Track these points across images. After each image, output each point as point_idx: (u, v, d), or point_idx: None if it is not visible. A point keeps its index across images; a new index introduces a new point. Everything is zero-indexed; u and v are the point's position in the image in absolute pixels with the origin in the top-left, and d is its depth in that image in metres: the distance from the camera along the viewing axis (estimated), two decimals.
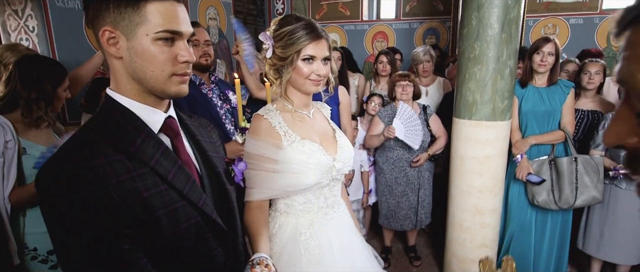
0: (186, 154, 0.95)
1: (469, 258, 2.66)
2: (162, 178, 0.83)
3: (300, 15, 1.31)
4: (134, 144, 0.82)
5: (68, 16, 2.70)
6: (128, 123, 0.84)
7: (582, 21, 4.61)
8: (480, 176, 2.50)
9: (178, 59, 0.84)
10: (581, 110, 2.80)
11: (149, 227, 0.80)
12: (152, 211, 0.80)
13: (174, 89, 0.86)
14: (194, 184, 0.89)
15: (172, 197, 0.84)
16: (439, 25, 5.27)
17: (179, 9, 0.84)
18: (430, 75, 3.53)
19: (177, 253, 0.86)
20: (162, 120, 0.90)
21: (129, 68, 0.83)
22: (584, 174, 2.49)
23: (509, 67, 2.34)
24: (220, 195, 1.01)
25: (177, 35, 0.84)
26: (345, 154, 1.41)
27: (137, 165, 0.81)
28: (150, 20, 0.80)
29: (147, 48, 0.81)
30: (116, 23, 0.80)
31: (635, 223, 2.55)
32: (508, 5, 2.22)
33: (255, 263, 1.09)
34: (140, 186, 0.80)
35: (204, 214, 0.90)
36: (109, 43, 0.82)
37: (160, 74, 0.83)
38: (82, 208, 0.73)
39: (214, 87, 2.20)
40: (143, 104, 0.87)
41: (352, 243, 1.45)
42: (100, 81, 2.38)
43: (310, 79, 1.30)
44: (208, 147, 1.02)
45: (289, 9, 5.56)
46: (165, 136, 0.91)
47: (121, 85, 0.86)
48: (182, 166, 0.88)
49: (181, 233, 0.85)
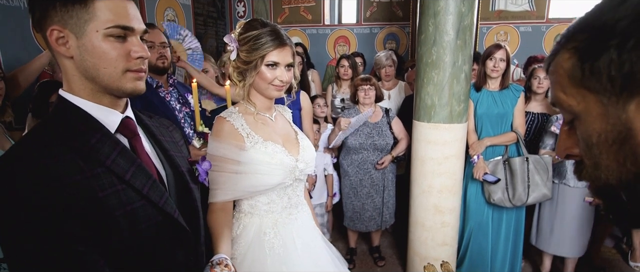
0: (145, 154, 0.93)
1: (431, 256, 2.73)
2: (119, 178, 0.81)
3: (265, 21, 1.33)
4: (87, 143, 0.80)
5: (13, 15, 2.53)
6: (81, 123, 0.82)
7: (530, 29, 4.89)
8: (439, 176, 2.58)
9: (131, 55, 0.82)
10: (531, 113, 2.97)
11: (106, 228, 0.78)
12: (109, 212, 0.78)
13: (129, 86, 0.84)
14: (155, 183, 0.87)
15: (130, 197, 0.82)
16: (398, 31, 5.41)
17: (129, 5, 0.83)
18: (392, 79, 3.61)
19: (137, 254, 0.84)
20: (118, 121, 0.88)
21: (80, 67, 0.81)
22: (535, 173, 2.64)
23: (464, 72, 2.44)
24: (184, 194, 0.99)
25: (129, 31, 0.82)
26: (307, 154, 1.44)
27: (92, 165, 0.78)
28: (99, 17, 0.78)
29: (98, 45, 0.79)
30: (64, 22, 0.78)
31: (580, 219, 2.73)
32: (462, 13, 2.32)
33: (214, 263, 1.09)
34: (95, 186, 0.77)
35: (165, 213, 0.88)
36: (58, 43, 0.79)
37: (114, 70, 0.81)
38: (31, 210, 0.70)
39: (172, 90, 2.14)
40: (98, 104, 0.85)
41: (315, 242, 1.48)
42: (47, 84, 2.25)
43: (273, 85, 1.32)
44: (170, 147, 1.01)
45: (250, 12, 5.51)
46: (122, 137, 0.89)
47: (74, 85, 0.84)
48: (142, 165, 0.86)
49: (141, 233, 0.83)
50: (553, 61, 0.51)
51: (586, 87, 0.47)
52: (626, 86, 0.43)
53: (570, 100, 0.50)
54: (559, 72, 0.50)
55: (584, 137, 0.50)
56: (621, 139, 0.46)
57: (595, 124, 0.48)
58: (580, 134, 0.51)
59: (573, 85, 0.49)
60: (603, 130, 0.47)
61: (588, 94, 0.47)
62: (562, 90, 0.51)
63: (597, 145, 0.48)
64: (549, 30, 4.84)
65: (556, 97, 0.52)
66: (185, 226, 0.93)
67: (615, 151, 0.47)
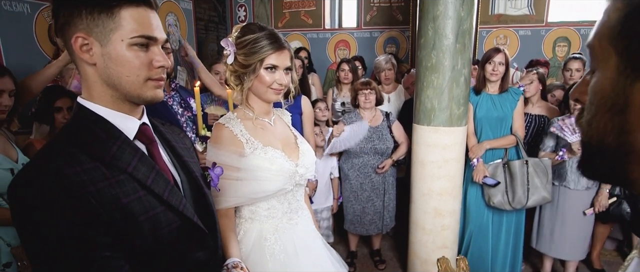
0: (162, 160, 0.95)
1: (431, 259, 2.74)
2: (141, 184, 0.83)
3: (262, 25, 1.33)
4: (109, 151, 0.81)
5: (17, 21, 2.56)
6: (102, 131, 0.84)
7: (530, 33, 4.92)
8: (439, 179, 2.60)
9: (153, 64, 0.85)
10: (530, 114, 2.98)
11: (130, 234, 0.80)
12: (133, 217, 0.80)
13: (150, 94, 0.86)
14: (173, 189, 0.89)
15: (152, 203, 0.84)
16: (398, 35, 5.44)
17: (152, 15, 0.85)
18: (392, 83, 3.63)
19: (159, 257, 0.86)
20: (136, 128, 0.89)
21: (103, 74, 0.83)
22: (535, 175, 2.65)
23: (463, 76, 2.45)
24: (199, 199, 1.02)
25: (152, 40, 0.84)
26: (307, 159, 1.43)
27: (115, 172, 0.80)
28: (125, 26, 0.80)
29: (122, 53, 0.81)
30: (89, 29, 0.79)
31: (581, 221, 2.74)
32: (461, 17, 2.34)
33: (230, 267, 1.12)
34: (119, 193, 0.79)
35: (185, 217, 0.90)
36: (82, 50, 0.81)
37: (136, 78, 0.84)
38: (59, 217, 0.72)
39: (174, 94, 2.16)
40: (117, 111, 0.86)
41: (316, 247, 1.48)
42: (52, 89, 2.27)
43: (272, 88, 1.32)
44: (184, 153, 1.03)
45: (252, 17, 5.55)
46: (140, 143, 0.91)
47: (94, 92, 0.85)
48: (160, 171, 0.88)
49: (163, 238, 0.85)
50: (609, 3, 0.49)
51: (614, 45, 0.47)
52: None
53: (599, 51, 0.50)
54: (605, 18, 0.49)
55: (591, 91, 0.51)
56: (617, 110, 0.47)
57: (604, 85, 0.49)
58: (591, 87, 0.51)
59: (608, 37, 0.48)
60: (607, 94, 0.48)
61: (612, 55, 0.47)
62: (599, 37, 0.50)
63: (597, 105, 0.49)
64: (548, 34, 4.86)
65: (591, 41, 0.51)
66: (204, 228, 0.95)
67: (608, 118, 0.48)
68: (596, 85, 0.50)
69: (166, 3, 3.95)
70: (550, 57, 4.85)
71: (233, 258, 1.20)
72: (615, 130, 0.47)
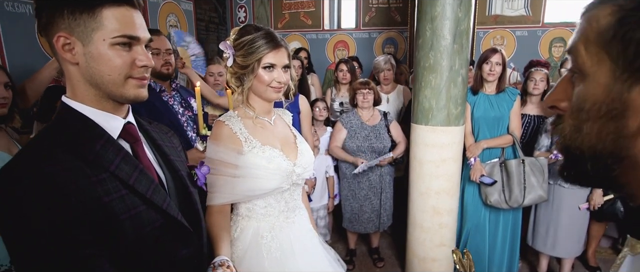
0: (147, 159, 0.95)
1: (429, 257, 2.77)
2: (123, 183, 0.83)
3: (258, 25, 1.35)
4: (92, 150, 0.82)
5: (19, 21, 2.59)
6: (85, 129, 0.84)
7: (526, 33, 4.96)
8: (437, 178, 2.63)
9: (136, 63, 0.85)
10: (528, 115, 3.02)
11: (112, 232, 0.80)
12: (115, 216, 0.80)
13: (132, 93, 0.86)
14: (157, 187, 0.89)
15: (134, 202, 0.84)
16: (397, 35, 5.47)
17: (135, 15, 0.85)
18: (391, 83, 3.66)
19: (143, 255, 0.86)
20: (120, 127, 0.90)
21: (85, 73, 0.83)
22: (531, 174, 2.68)
23: (461, 76, 2.49)
24: (185, 197, 1.02)
25: (135, 40, 0.84)
26: (305, 159, 1.45)
27: (97, 171, 0.80)
28: (107, 26, 0.80)
29: (104, 52, 0.81)
30: (71, 29, 0.80)
31: (576, 219, 2.77)
32: (459, 18, 2.38)
33: (217, 265, 1.11)
34: (101, 192, 0.79)
35: (169, 216, 0.90)
36: (64, 49, 0.81)
37: (118, 77, 0.83)
38: (40, 215, 0.72)
39: (175, 94, 2.18)
40: (101, 110, 0.87)
41: (313, 246, 1.49)
42: (53, 89, 2.29)
43: (271, 86, 1.34)
44: (170, 152, 1.03)
45: (251, 18, 5.58)
46: (124, 142, 0.91)
47: (78, 91, 0.85)
48: (144, 170, 0.88)
49: (146, 236, 0.85)
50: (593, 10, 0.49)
51: (608, 51, 0.46)
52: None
53: (586, 57, 0.49)
54: (592, 24, 0.48)
55: (579, 98, 0.50)
56: (612, 116, 0.46)
57: (596, 91, 0.47)
58: (577, 93, 0.50)
59: (597, 43, 0.47)
60: (600, 100, 0.47)
61: (606, 60, 0.46)
62: (585, 43, 0.49)
63: (588, 111, 0.48)
64: (545, 34, 4.91)
65: (575, 47, 0.50)
66: (188, 226, 0.96)
67: (602, 124, 0.47)
68: (585, 94, 0.49)
69: (167, 4, 3.97)
70: (546, 57, 4.90)
71: (221, 256, 1.19)
72: (611, 135, 0.47)
